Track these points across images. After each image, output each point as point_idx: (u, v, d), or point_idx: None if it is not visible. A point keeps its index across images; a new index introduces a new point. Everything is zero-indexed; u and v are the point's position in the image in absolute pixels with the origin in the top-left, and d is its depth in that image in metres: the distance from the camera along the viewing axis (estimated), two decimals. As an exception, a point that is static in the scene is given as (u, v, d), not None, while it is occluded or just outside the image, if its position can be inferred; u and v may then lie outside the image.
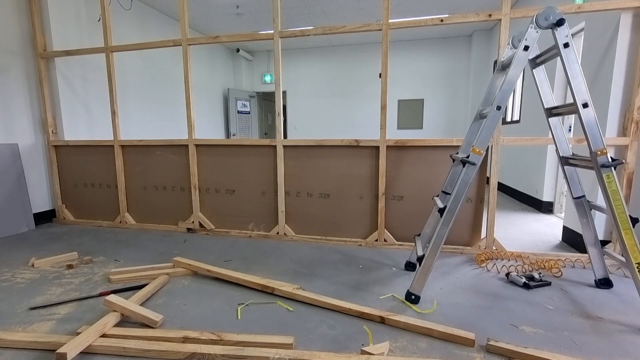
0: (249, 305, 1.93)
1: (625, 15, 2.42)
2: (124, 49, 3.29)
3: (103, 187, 3.58)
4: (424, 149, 2.78)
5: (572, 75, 1.78)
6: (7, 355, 1.50)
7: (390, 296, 2.03)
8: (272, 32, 2.89)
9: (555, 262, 2.44)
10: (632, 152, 2.45)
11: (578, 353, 1.51)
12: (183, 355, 1.46)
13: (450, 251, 2.75)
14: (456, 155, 2.31)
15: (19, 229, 3.36)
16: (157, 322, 1.68)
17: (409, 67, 7.26)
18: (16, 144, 3.38)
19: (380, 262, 2.56)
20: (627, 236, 1.73)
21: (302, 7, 5.34)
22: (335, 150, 2.96)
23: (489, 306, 1.91)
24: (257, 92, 8.18)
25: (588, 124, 1.77)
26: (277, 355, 1.42)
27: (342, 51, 7.55)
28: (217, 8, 5.34)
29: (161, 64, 5.31)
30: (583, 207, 2.14)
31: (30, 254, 2.77)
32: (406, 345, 1.56)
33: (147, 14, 5.08)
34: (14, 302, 1.98)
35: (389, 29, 2.66)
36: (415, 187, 2.82)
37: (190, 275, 2.33)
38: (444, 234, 1.91)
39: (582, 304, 1.94)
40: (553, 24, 1.77)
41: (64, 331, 1.68)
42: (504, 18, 2.47)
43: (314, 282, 2.23)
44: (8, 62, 3.34)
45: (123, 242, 3.05)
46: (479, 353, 1.50)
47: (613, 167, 1.75)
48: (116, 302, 1.75)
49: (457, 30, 6.66)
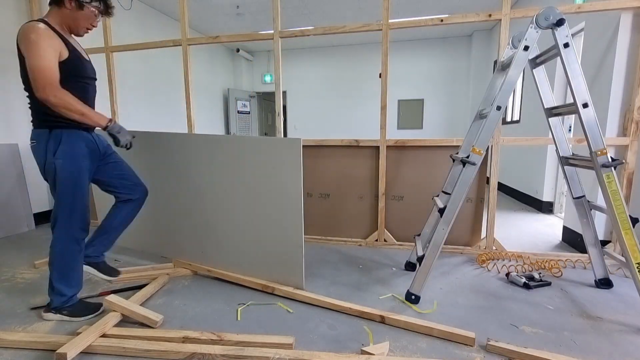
0: (249, 305, 1.93)
1: (625, 15, 2.42)
2: (124, 49, 3.29)
3: (103, 187, 3.58)
4: (424, 149, 2.78)
5: (572, 75, 1.78)
6: (7, 355, 1.50)
7: (390, 296, 2.03)
8: (272, 32, 2.89)
9: (555, 262, 2.44)
10: (632, 152, 2.45)
11: (578, 353, 1.51)
12: (183, 355, 1.46)
13: (450, 251, 2.75)
14: (456, 155, 2.31)
15: (19, 229, 3.36)
16: (157, 322, 1.68)
17: (409, 67, 7.27)
18: (16, 144, 3.38)
19: (380, 262, 2.56)
20: (627, 236, 1.73)
21: (302, 7, 5.34)
22: (335, 150, 2.95)
23: (489, 306, 1.91)
24: (257, 92, 8.18)
25: (588, 124, 1.77)
26: (277, 355, 1.42)
27: (342, 51, 7.56)
28: (217, 8, 5.34)
29: (161, 64, 5.31)
30: (583, 207, 2.14)
31: (30, 254, 2.76)
32: (406, 345, 1.56)
33: (147, 14, 5.09)
34: (14, 302, 1.98)
35: (389, 29, 2.66)
36: (415, 187, 2.82)
37: (191, 275, 2.33)
38: (444, 234, 1.91)
39: (582, 304, 1.94)
40: (553, 24, 1.77)
41: (64, 331, 1.68)
42: (504, 18, 2.47)
43: (314, 282, 2.23)
44: (8, 62, 3.34)
45: (123, 242, 3.04)
46: (479, 353, 1.50)
47: (613, 167, 1.75)
48: (116, 302, 1.75)
49: (457, 30, 6.66)
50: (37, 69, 1.50)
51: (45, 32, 1.55)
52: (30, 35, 1.52)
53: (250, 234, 2.13)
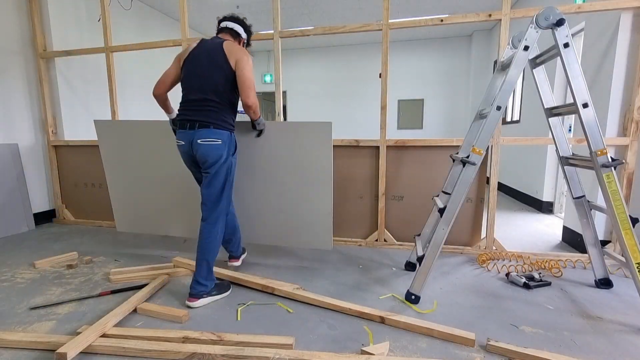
0: (249, 305, 1.93)
1: (625, 15, 2.42)
2: (124, 49, 3.29)
3: (103, 187, 3.58)
4: (424, 149, 2.78)
5: (572, 75, 1.78)
6: (7, 355, 1.50)
7: (391, 296, 2.03)
8: (272, 32, 2.89)
9: (555, 262, 2.44)
10: (632, 152, 2.45)
11: (578, 353, 1.51)
12: (183, 355, 1.46)
13: (450, 251, 2.75)
14: (456, 155, 2.31)
15: (19, 229, 3.36)
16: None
17: (409, 67, 7.27)
18: (16, 144, 3.38)
19: (380, 262, 2.56)
20: (627, 236, 1.73)
21: (302, 7, 5.34)
22: (335, 150, 2.94)
23: (489, 306, 1.91)
24: (257, 92, 8.18)
25: (588, 124, 1.77)
26: (277, 356, 1.42)
27: (342, 51, 7.56)
28: (217, 8, 5.34)
29: (161, 64, 5.30)
30: (583, 207, 2.14)
31: (30, 254, 2.77)
32: (406, 345, 1.56)
33: (147, 14, 5.08)
34: (14, 302, 1.98)
35: (389, 29, 2.66)
36: (415, 187, 2.82)
37: (191, 275, 2.32)
38: (444, 234, 1.91)
39: (582, 304, 1.94)
40: (553, 24, 1.77)
41: (64, 331, 1.68)
42: (504, 18, 2.47)
43: (314, 281, 2.23)
44: (8, 62, 3.34)
45: (123, 242, 3.05)
46: (479, 353, 1.50)
47: (613, 167, 1.75)
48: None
49: (457, 30, 6.66)
50: (250, 79, 1.90)
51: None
52: (245, 55, 1.94)
53: (284, 208, 2.44)
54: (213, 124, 1.89)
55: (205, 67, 1.90)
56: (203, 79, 1.90)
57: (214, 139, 1.89)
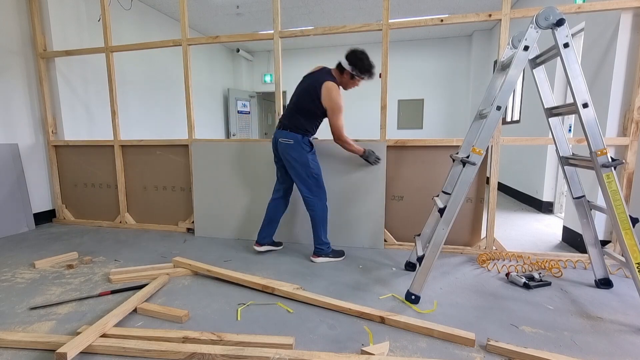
0: (249, 305, 1.93)
1: (625, 15, 2.42)
2: (124, 49, 3.29)
3: (103, 187, 3.59)
4: (424, 149, 2.78)
5: (572, 75, 1.78)
6: (7, 355, 1.50)
7: (391, 296, 2.03)
8: (272, 32, 2.89)
9: (555, 262, 2.44)
10: (632, 152, 2.45)
11: (578, 353, 1.51)
12: (183, 355, 1.46)
13: (450, 251, 2.75)
14: (456, 155, 2.31)
15: (19, 229, 3.36)
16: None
17: (409, 67, 7.26)
18: (16, 144, 3.38)
19: (380, 262, 2.56)
20: (627, 236, 1.73)
21: (302, 7, 5.34)
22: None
23: (489, 306, 1.91)
24: (257, 92, 8.17)
25: (588, 124, 1.77)
26: (277, 356, 1.42)
27: (342, 51, 7.46)
28: (217, 8, 5.34)
29: (161, 64, 5.31)
30: (583, 207, 2.14)
31: (30, 254, 2.77)
32: (406, 345, 1.56)
33: (147, 14, 5.08)
34: (14, 302, 1.98)
35: (389, 29, 2.66)
36: (415, 187, 2.82)
37: (191, 275, 2.33)
38: (444, 234, 1.91)
39: (582, 304, 1.94)
40: (553, 24, 1.77)
41: (64, 331, 1.68)
42: (504, 18, 2.47)
43: (314, 282, 2.23)
44: (8, 62, 3.34)
45: (123, 242, 3.05)
46: (479, 353, 1.50)
47: (613, 167, 1.75)
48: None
49: (457, 30, 6.66)
50: (338, 127, 2.44)
51: (339, 91, 2.43)
52: (333, 92, 2.37)
53: (338, 210, 2.88)
54: (289, 129, 2.42)
55: (301, 97, 2.45)
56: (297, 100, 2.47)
57: (289, 139, 2.41)
